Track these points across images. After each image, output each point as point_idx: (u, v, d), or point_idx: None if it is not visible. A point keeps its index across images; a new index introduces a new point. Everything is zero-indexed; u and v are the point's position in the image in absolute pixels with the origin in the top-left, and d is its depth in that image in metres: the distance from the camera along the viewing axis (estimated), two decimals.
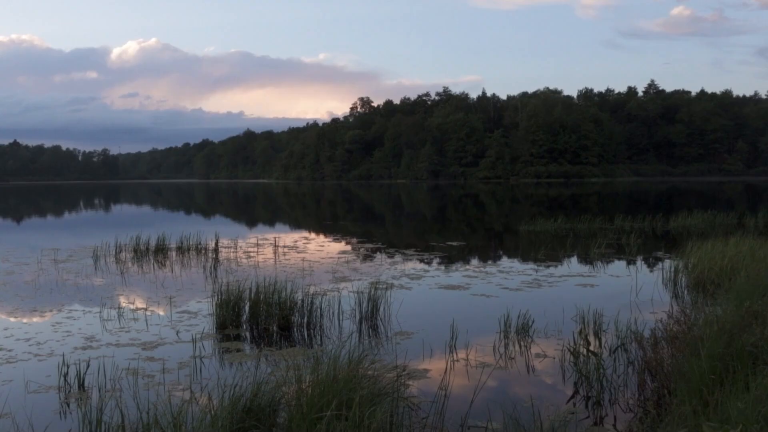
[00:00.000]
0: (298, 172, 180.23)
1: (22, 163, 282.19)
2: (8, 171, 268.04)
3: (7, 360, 8.02)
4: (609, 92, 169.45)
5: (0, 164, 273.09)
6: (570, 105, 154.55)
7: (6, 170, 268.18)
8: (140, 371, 7.42)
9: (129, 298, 12.21)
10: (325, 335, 9.21)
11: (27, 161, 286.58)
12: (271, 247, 20.24)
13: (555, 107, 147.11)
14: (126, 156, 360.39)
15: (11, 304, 11.61)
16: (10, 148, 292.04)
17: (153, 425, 4.82)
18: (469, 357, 7.90)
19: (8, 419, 5.91)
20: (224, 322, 9.62)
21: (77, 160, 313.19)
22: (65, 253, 19.01)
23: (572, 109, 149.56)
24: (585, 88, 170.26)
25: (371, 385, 5.41)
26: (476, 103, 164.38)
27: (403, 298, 11.42)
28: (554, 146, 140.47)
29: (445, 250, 19.29)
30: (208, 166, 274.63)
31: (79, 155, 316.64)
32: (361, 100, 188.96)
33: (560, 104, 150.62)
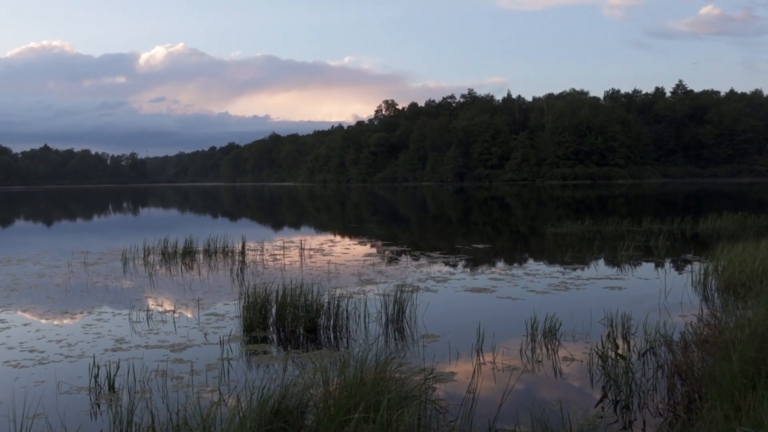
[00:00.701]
0: (324, 174, 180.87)
1: (53, 168, 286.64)
2: (39, 175, 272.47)
3: (40, 361, 8.15)
4: (636, 93, 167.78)
5: (31, 168, 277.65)
6: (596, 106, 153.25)
7: (37, 174, 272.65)
8: (169, 373, 7.49)
9: (157, 300, 12.34)
10: (351, 338, 9.23)
11: (57, 165, 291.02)
12: (296, 249, 20.33)
13: (581, 108, 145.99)
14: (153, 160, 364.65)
15: (43, 306, 11.79)
16: (40, 153, 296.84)
17: (182, 426, 4.87)
18: (496, 360, 7.87)
19: (41, 419, 6.01)
20: (251, 325, 9.69)
21: (106, 164, 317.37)
22: (95, 256, 19.26)
23: (599, 111, 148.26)
24: (612, 89, 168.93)
25: (398, 388, 5.41)
26: (501, 105, 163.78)
27: (429, 300, 11.40)
28: (580, 148, 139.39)
29: (470, 252, 19.24)
30: (234, 169, 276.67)
31: (107, 159, 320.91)
32: (386, 102, 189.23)
33: (586, 105, 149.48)
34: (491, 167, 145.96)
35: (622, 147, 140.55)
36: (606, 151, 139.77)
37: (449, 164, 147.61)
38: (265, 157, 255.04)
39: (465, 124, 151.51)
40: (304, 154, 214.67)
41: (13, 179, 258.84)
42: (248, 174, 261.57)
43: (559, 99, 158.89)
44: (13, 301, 12.39)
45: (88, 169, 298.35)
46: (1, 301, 12.38)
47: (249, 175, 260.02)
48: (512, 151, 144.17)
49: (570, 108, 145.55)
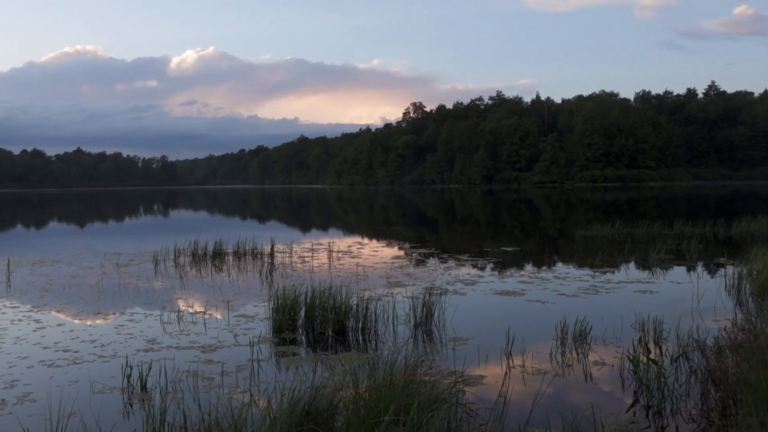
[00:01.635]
0: (352, 177, 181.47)
1: (85, 170, 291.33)
2: (72, 177, 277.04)
3: (74, 361, 8.28)
4: (667, 94, 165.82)
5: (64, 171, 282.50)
6: (627, 108, 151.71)
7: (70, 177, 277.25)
8: (200, 374, 7.57)
9: (188, 301, 12.47)
10: (380, 340, 9.24)
11: (90, 168, 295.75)
12: (325, 251, 20.41)
13: (611, 110, 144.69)
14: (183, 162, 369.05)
15: (76, 307, 11.98)
16: (73, 156, 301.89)
17: (214, 426, 4.92)
18: (526, 364, 7.83)
19: (76, 418, 6.11)
20: (280, 326, 9.75)
21: (137, 166, 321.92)
22: (127, 258, 19.52)
23: (629, 112, 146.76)
24: (642, 91, 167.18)
25: (428, 390, 5.41)
26: (530, 107, 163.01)
27: (457, 303, 11.37)
28: (610, 150, 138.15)
29: (499, 255, 19.15)
30: (263, 171, 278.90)
31: (139, 162, 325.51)
32: (414, 105, 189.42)
33: (617, 107, 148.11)
34: (520, 169, 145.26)
35: (653, 149, 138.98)
36: (636, 153, 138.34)
37: (477, 166, 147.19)
38: (294, 159, 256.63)
39: (493, 126, 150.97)
40: (332, 156, 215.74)
41: (47, 182, 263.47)
42: (277, 176, 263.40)
43: (588, 100, 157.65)
44: (47, 301, 12.61)
45: (119, 172, 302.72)
46: (36, 301, 12.61)
47: (277, 177, 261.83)
48: (541, 153, 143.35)
49: (600, 109, 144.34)
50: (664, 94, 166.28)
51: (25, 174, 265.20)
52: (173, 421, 5.32)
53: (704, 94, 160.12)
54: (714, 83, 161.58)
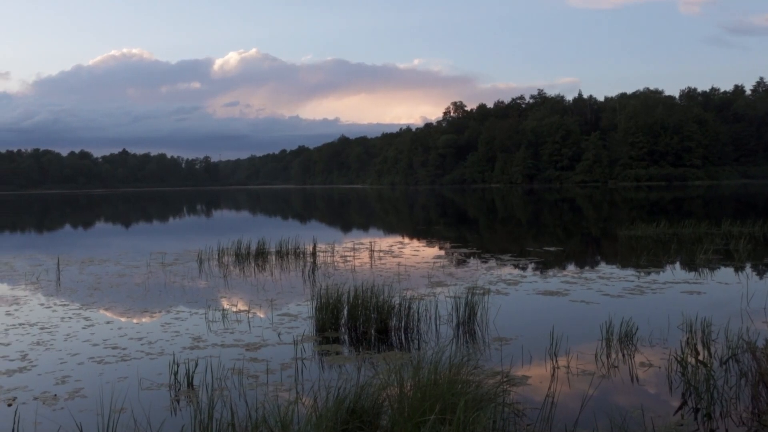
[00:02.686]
0: (392, 177, 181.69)
1: (130, 171, 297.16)
2: (118, 178, 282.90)
3: (122, 358, 8.45)
4: (714, 91, 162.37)
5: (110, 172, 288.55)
6: (671, 105, 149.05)
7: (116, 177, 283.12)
8: (245, 371, 7.66)
9: (232, 300, 12.63)
10: (422, 339, 9.24)
11: (135, 169, 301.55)
12: (366, 251, 20.47)
13: (655, 108, 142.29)
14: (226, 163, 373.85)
15: (124, 305, 12.23)
16: (119, 157, 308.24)
17: (261, 423, 4.98)
18: (571, 364, 7.75)
19: (125, 413, 6.23)
20: (323, 325, 9.81)
21: (181, 167, 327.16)
22: (172, 257, 19.85)
23: (674, 110, 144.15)
24: (688, 88, 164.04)
25: (474, 390, 5.39)
26: (572, 106, 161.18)
27: (500, 303, 11.31)
28: (655, 148, 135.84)
29: (541, 255, 18.98)
30: (304, 171, 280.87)
31: (182, 163, 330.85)
32: (455, 104, 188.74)
33: (661, 105, 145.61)
34: (562, 168, 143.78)
35: (699, 147, 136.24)
36: (682, 151, 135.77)
37: (518, 166, 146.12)
38: (335, 159, 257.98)
39: (535, 125, 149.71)
40: (373, 156, 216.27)
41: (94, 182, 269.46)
42: (318, 176, 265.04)
43: (632, 98, 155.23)
44: (96, 299, 12.90)
45: (163, 172, 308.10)
46: (85, 299, 12.91)
47: (318, 177, 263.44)
48: (583, 152, 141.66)
49: (644, 107, 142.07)
50: (711, 91, 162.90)
51: (72, 175, 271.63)
52: (221, 418, 5.40)
53: (752, 91, 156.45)
54: (762, 79, 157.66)
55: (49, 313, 11.59)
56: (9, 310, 11.90)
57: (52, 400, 6.82)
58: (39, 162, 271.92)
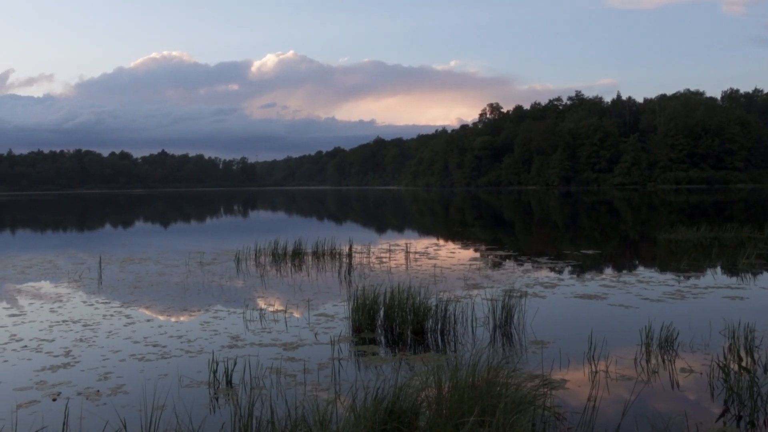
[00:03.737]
0: (427, 178, 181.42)
1: (169, 171, 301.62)
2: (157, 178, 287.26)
3: (162, 356, 8.59)
4: (757, 92, 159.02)
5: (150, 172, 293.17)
6: (713, 107, 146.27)
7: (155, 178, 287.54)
8: (282, 370, 7.72)
9: (269, 300, 12.74)
10: (459, 342, 9.22)
11: (173, 169, 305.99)
12: (402, 252, 20.48)
13: (696, 109, 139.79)
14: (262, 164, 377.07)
15: (163, 304, 12.42)
16: (158, 157, 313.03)
17: (300, 422, 5.03)
18: (609, 369, 7.66)
19: (166, 410, 6.34)
20: (360, 326, 9.85)
21: (218, 168, 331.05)
22: (210, 257, 20.09)
23: (715, 111, 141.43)
24: (730, 89, 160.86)
25: (513, 393, 5.37)
26: (610, 107, 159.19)
27: (537, 306, 11.23)
28: (695, 150, 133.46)
29: (578, 258, 18.78)
30: (340, 173, 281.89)
31: (220, 163, 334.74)
32: (491, 106, 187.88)
33: (702, 106, 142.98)
34: (599, 171, 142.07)
35: (742, 149, 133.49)
36: (723, 153, 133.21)
37: (555, 168, 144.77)
38: (370, 161, 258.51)
39: (572, 126, 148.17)
40: (408, 158, 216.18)
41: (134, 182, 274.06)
42: (353, 177, 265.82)
43: (672, 100, 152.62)
44: (136, 298, 13.12)
45: (201, 173, 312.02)
46: (126, 297, 13.14)
47: (354, 178, 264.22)
48: (622, 154, 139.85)
49: (684, 109, 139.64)
50: (754, 92, 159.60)
51: (113, 175, 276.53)
52: (260, 416, 5.47)
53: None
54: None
55: (91, 310, 11.83)
56: (53, 307, 12.17)
57: (95, 396, 6.96)
58: (81, 162, 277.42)
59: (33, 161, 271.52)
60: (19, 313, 11.57)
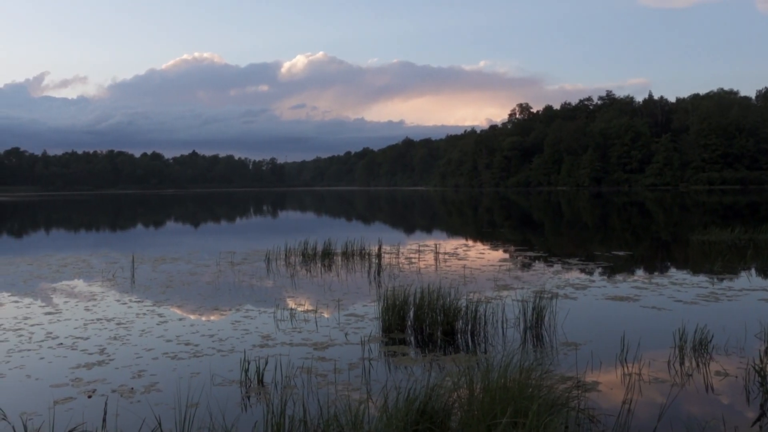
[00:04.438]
0: (456, 179, 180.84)
1: (200, 172, 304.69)
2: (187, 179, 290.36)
3: (194, 354, 8.69)
4: None
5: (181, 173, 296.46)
6: (747, 106, 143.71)
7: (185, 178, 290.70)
8: (313, 370, 7.77)
9: (299, 300, 12.81)
10: (489, 343, 9.19)
11: (204, 170, 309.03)
12: (431, 253, 20.46)
13: (730, 109, 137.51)
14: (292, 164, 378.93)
15: (195, 303, 12.55)
16: (189, 158, 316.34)
17: (333, 421, 5.05)
18: (642, 371, 7.58)
19: (199, 408, 6.41)
20: (390, 326, 9.86)
21: (248, 168, 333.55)
22: (240, 256, 20.26)
23: (750, 111, 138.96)
24: (765, 88, 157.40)
25: (545, 394, 5.35)
26: (642, 107, 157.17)
27: (568, 307, 11.15)
28: (729, 151, 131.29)
29: (609, 259, 18.60)
30: (368, 173, 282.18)
31: (249, 164, 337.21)
32: (520, 106, 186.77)
33: (736, 106, 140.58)
34: (630, 171, 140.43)
35: None
36: (758, 153, 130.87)
37: (586, 168, 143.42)
38: (399, 161, 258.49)
39: (603, 126, 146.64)
40: (437, 158, 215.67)
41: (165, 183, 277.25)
42: (382, 178, 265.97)
43: (705, 99, 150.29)
44: (168, 297, 13.28)
45: (231, 173, 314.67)
46: (159, 297, 13.30)
47: (382, 179, 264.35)
48: (653, 154, 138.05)
49: (718, 108, 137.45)
50: None
51: (145, 176, 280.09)
52: (293, 415, 5.51)
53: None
54: None
55: (124, 309, 12.00)
56: (87, 305, 12.37)
57: (129, 393, 7.06)
58: (113, 163, 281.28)
59: (67, 162, 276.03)
60: (55, 312, 11.77)
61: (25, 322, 10.86)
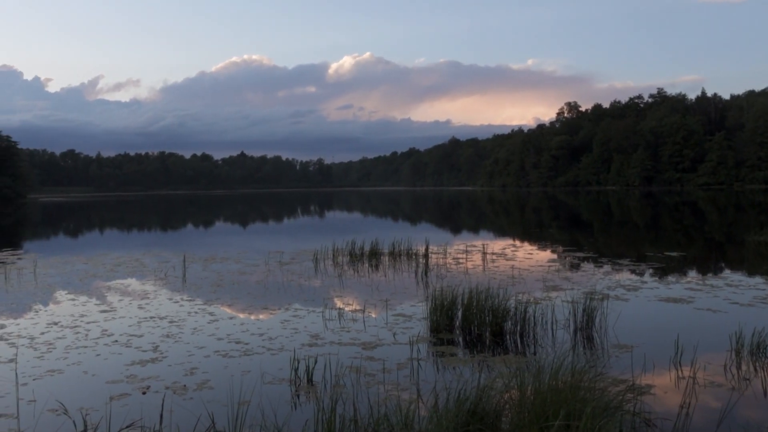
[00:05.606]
0: (503, 179, 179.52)
1: (248, 172, 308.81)
2: (236, 179, 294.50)
3: (245, 352, 8.80)
4: None
5: (230, 173, 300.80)
6: None
7: (234, 179, 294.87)
8: (362, 370, 7.79)
9: (347, 299, 12.87)
10: (538, 344, 9.09)
11: (252, 170, 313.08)
12: (479, 253, 20.34)
13: None
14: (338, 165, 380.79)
15: (245, 302, 12.72)
16: (238, 159, 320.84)
17: (383, 420, 5.06)
18: (697, 375, 7.41)
19: (250, 406, 6.49)
20: (438, 327, 9.85)
21: (295, 169, 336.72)
22: (288, 256, 20.45)
23: None
24: None
25: (599, 397, 5.27)
26: (694, 105, 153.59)
27: (619, 309, 10.97)
28: None
29: (661, 260, 18.23)
30: (415, 173, 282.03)
31: (297, 164, 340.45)
32: (568, 104, 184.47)
33: None
34: (683, 170, 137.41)
35: None
36: None
37: (636, 167, 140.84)
38: (445, 161, 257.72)
39: (654, 125, 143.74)
40: (484, 158, 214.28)
41: (215, 183, 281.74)
42: (428, 178, 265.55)
43: (761, 96, 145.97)
44: (219, 296, 13.48)
45: (279, 174, 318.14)
46: (209, 296, 13.51)
47: (429, 179, 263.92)
48: (707, 153, 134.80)
49: None
50: None
51: (195, 176, 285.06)
52: (343, 413, 5.53)
53: None
54: None
55: (176, 307, 12.23)
56: (141, 303, 12.65)
57: (182, 390, 7.19)
58: (164, 164, 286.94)
59: (120, 163, 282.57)
60: (110, 309, 12.06)
61: (81, 320, 11.16)
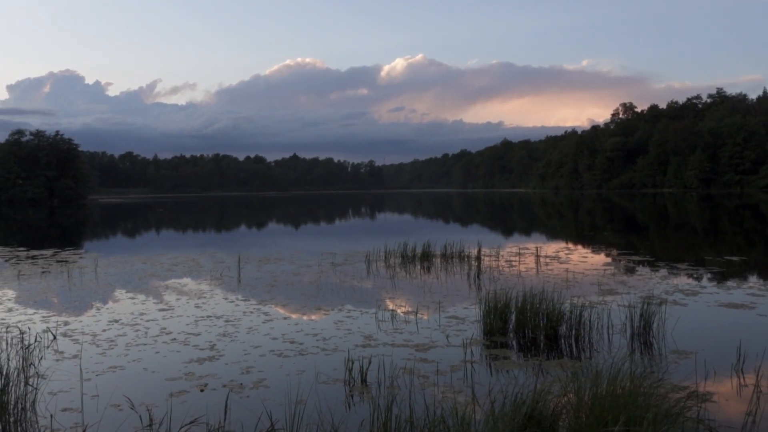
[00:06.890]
0: (556, 181, 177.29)
1: (300, 174, 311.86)
2: (288, 181, 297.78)
3: (300, 352, 8.91)
4: None
5: (282, 175, 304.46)
6: None
7: (287, 180, 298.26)
8: (415, 371, 7.81)
9: (399, 301, 12.90)
10: (594, 349, 8.96)
11: (304, 172, 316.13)
12: (532, 256, 20.15)
13: None
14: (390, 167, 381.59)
15: (299, 302, 12.86)
16: (290, 161, 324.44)
17: (439, 422, 5.07)
18: (761, 383, 7.20)
19: (306, 405, 6.56)
20: (491, 329, 9.80)
21: (347, 171, 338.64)
22: (341, 257, 20.59)
23: None
24: None
25: (659, 403, 5.17)
26: (756, 105, 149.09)
27: (678, 314, 10.73)
28: None
29: (721, 264, 17.75)
30: (466, 175, 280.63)
31: (348, 167, 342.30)
32: (624, 105, 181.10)
33: None
34: (743, 173, 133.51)
35: None
36: None
37: (694, 169, 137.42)
38: (497, 163, 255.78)
39: (712, 126, 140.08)
40: (536, 160, 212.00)
41: (268, 185, 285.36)
42: (479, 180, 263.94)
43: None
44: (273, 296, 13.67)
45: (330, 176, 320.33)
46: (264, 296, 13.71)
47: (480, 181, 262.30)
48: None
49: None
50: None
51: (248, 178, 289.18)
52: (399, 414, 5.56)
53: None
54: None
55: (232, 307, 12.44)
56: (197, 303, 12.91)
57: (238, 388, 7.32)
58: (219, 166, 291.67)
59: (176, 165, 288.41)
60: (168, 308, 12.34)
61: (141, 318, 11.45)
